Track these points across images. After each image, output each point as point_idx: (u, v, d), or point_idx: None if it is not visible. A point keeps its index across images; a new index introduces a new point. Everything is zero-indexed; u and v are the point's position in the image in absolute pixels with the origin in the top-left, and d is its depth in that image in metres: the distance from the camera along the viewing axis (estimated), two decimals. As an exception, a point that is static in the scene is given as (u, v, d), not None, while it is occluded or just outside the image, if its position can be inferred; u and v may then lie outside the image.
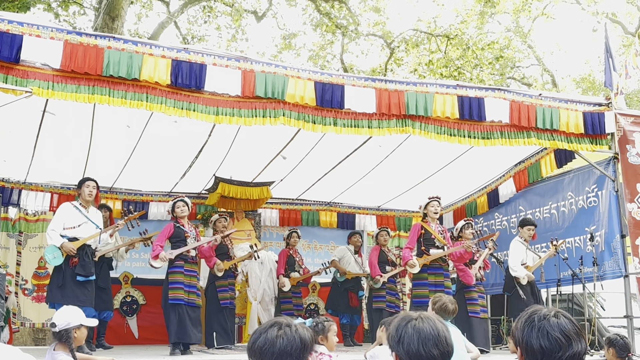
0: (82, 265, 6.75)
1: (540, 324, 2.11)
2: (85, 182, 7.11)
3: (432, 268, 7.69)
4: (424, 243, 7.79)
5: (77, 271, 6.70)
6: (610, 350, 5.66)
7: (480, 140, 7.30)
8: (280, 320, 2.23)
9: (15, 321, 9.55)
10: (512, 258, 8.32)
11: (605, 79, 8.47)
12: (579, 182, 8.64)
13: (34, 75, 5.70)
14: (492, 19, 21.60)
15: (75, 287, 6.67)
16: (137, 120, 7.46)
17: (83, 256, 6.81)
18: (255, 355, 2.15)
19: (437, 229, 7.91)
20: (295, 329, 2.20)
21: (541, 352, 2.08)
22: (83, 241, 6.83)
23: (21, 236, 9.91)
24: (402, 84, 7.04)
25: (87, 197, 7.03)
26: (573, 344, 2.07)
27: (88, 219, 6.98)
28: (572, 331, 2.09)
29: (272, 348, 2.12)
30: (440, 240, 7.83)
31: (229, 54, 6.61)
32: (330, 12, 19.79)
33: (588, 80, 24.38)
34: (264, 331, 2.18)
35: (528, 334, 2.12)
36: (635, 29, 21.25)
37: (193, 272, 7.40)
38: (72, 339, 4.43)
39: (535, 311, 2.18)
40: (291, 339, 2.14)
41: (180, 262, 7.32)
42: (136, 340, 9.71)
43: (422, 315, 2.25)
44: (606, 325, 9.19)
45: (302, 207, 11.41)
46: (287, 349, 2.13)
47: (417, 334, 2.16)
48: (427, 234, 7.83)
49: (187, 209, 7.65)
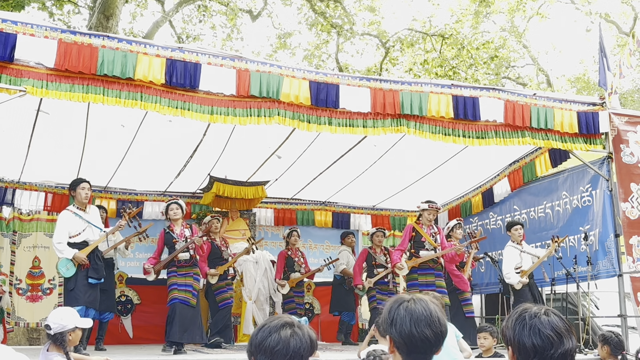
0: (95, 268, 6.82)
1: (532, 322, 2.12)
2: (80, 184, 7.04)
3: (422, 269, 7.82)
4: (414, 245, 7.92)
5: (90, 274, 6.76)
6: (605, 347, 5.67)
7: (475, 140, 7.32)
8: (289, 320, 2.19)
9: (10, 321, 9.51)
10: (505, 265, 8.39)
11: (599, 78, 8.50)
12: (573, 181, 8.66)
13: (28, 74, 5.68)
14: (487, 19, 21.61)
15: (86, 290, 6.72)
16: (131, 120, 7.44)
17: (95, 259, 6.87)
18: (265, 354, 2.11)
19: (429, 231, 8.00)
20: (306, 329, 2.18)
21: (533, 350, 2.09)
22: (92, 247, 6.86)
23: (15, 236, 9.87)
24: (397, 84, 7.04)
25: (84, 200, 6.99)
26: (564, 341, 2.09)
27: (89, 222, 6.97)
28: (563, 328, 2.11)
29: (286, 348, 2.09)
30: (431, 242, 7.91)
31: (223, 53, 6.60)
32: (325, 12, 19.78)
33: (583, 80, 24.44)
34: (275, 330, 2.14)
35: (520, 332, 2.13)
36: (629, 28, 21.30)
37: (188, 273, 7.44)
38: (67, 342, 4.41)
39: (526, 310, 2.18)
40: (303, 340, 2.12)
41: (173, 268, 7.48)
42: (131, 340, 9.69)
43: (415, 296, 2.23)
44: (600, 324, 9.21)
45: (297, 206, 11.41)
46: (300, 350, 2.10)
47: (409, 315, 2.15)
48: (418, 236, 7.95)
49: (181, 211, 7.70)
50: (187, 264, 7.48)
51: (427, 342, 2.13)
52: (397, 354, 2.18)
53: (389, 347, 2.21)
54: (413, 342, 2.13)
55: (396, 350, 2.18)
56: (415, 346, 2.14)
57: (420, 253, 7.86)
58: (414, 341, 2.13)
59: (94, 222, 7.02)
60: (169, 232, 7.60)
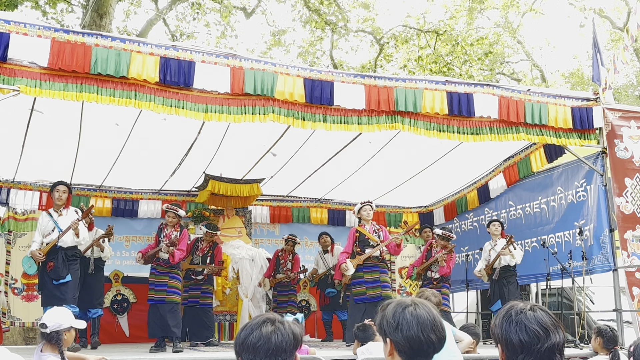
0: (54, 269, 7.04)
1: (518, 318, 2.15)
2: (56, 186, 7.30)
3: (367, 267, 8.00)
4: (359, 245, 8.12)
5: (51, 275, 7.04)
6: (598, 339, 5.68)
7: (470, 136, 7.32)
8: (271, 317, 2.23)
9: (5, 320, 9.51)
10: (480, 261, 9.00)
11: (593, 74, 8.52)
12: (568, 176, 8.68)
13: (21, 73, 5.66)
14: (481, 15, 21.64)
15: (53, 289, 7.02)
16: (125, 118, 7.43)
17: (56, 260, 7.06)
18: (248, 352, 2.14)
19: (371, 229, 8.23)
20: (288, 324, 2.20)
21: (520, 346, 2.12)
22: (49, 247, 7.06)
23: (10, 235, 9.85)
24: (392, 80, 7.04)
25: (57, 202, 7.26)
26: (551, 335, 2.11)
27: (55, 223, 7.16)
28: (549, 323, 2.14)
29: (268, 344, 2.12)
30: (373, 239, 8.11)
31: (217, 51, 6.59)
32: (319, 9, 19.76)
33: (577, 75, 24.48)
34: (257, 327, 2.17)
35: (507, 328, 2.16)
36: (623, 23, 21.34)
37: (165, 272, 7.64)
38: (62, 341, 4.40)
39: (512, 306, 2.22)
40: (285, 335, 2.15)
41: (154, 265, 7.75)
42: (127, 339, 9.69)
43: (416, 301, 2.29)
44: (596, 319, 9.24)
45: (292, 203, 11.41)
46: (282, 345, 2.13)
47: (415, 320, 2.19)
48: (361, 236, 8.17)
49: (176, 220, 7.89)
50: (166, 264, 7.67)
51: (432, 345, 2.19)
52: (397, 357, 2.22)
53: (388, 349, 2.24)
54: (419, 346, 2.18)
55: (397, 353, 2.22)
56: (421, 349, 2.19)
57: (366, 251, 8.06)
58: (419, 345, 2.18)
59: (61, 224, 7.16)
60: (161, 229, 7.89)
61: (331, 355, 6.40)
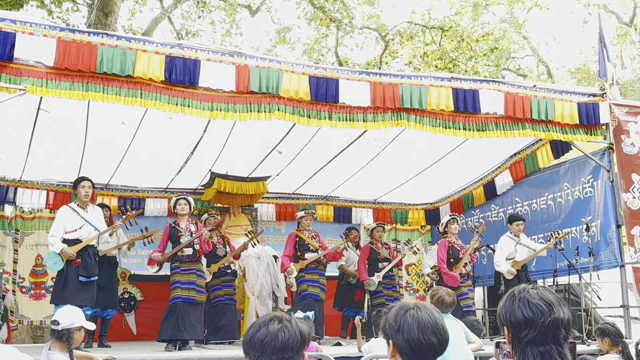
0: (85, 266, 6.86)
1: (521, 295, 2.18)
2: (81, 182, 7.16)
3: (308, 269, 8.60)
4: (299, 249, 8.72)
5: (80, 272, 6.81)
6: (606, 340, 5.68)
7: (476, 133, 7.31)
8: (278, 315, 2.25)
9: (13, 319, 9.55)
10: (497, 254, 8.70)
11: (599, 69, 8.47)
12: (574, 172, 8.65)
13: (27, 73, 5.68)
14: (486, 10, 21.58)
15: (77, 288, 6.79)
16: (131, 117, 7.44)
17: (85, 257, 6.90)
18: (256, 349, 2.15)
19: (310, 235, 8.84)
20: (295, 322, 2.22)
21: (524, 322, 2.13)
22: (83, 244, 6.90)
23: (18, 234, 9.90)
24: (397, 77, 7.03)
25: (84, 198, 7.10)
26: (554, 310, 2.12)
27: (86, 220, 7.04)
28: (553, 299, 2.15)
29: (274, 341, 2.14)
30: (312, 245, 8.72)
31: (222, 49, 6.60)
32: (324, 6, 19.74)
33: (583, 71, 24.40)
34: (264, 325, 2.19)
35: (510, 307, 2.18)
36: (629, 18, 21.25)
37: (191, 270, 7.46)
38: (73, 339, 4.41)
39: (516, 288, 2.25)
40: (292, 333, 2.16)
41: (176, 264, 7.50)
42: (134, 337, 9.74)
43: (418, 304, 2.32)
44: (603, 315, 9.22)
45: (298, 201, 11.41)
46: (289, 342, 2.14)
47: (416, 323, 2.21)
48: (301, 241, 8.73)
49: (189, 207, 7.79)
50: (191, 259, 7.51)
51: (433, 348, 2.21)
52: (399, 359, 2.25)
53: (391, 351, 2.27)
54: (420, 349, 2.20)
55: (399, 355, 2.24)
56: (422, 352, 2.21)
57: (306, 255, 8.62)
58: (420, 348, 2.20)
59: (91, 221, 7.08)
60: (174, 226, 7.66)
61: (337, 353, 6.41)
